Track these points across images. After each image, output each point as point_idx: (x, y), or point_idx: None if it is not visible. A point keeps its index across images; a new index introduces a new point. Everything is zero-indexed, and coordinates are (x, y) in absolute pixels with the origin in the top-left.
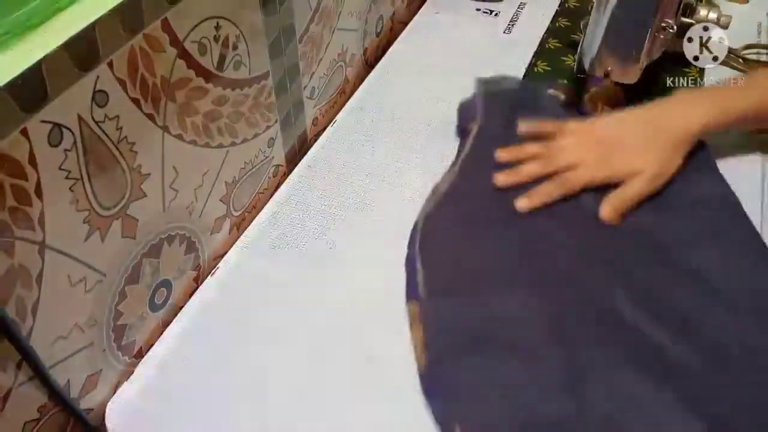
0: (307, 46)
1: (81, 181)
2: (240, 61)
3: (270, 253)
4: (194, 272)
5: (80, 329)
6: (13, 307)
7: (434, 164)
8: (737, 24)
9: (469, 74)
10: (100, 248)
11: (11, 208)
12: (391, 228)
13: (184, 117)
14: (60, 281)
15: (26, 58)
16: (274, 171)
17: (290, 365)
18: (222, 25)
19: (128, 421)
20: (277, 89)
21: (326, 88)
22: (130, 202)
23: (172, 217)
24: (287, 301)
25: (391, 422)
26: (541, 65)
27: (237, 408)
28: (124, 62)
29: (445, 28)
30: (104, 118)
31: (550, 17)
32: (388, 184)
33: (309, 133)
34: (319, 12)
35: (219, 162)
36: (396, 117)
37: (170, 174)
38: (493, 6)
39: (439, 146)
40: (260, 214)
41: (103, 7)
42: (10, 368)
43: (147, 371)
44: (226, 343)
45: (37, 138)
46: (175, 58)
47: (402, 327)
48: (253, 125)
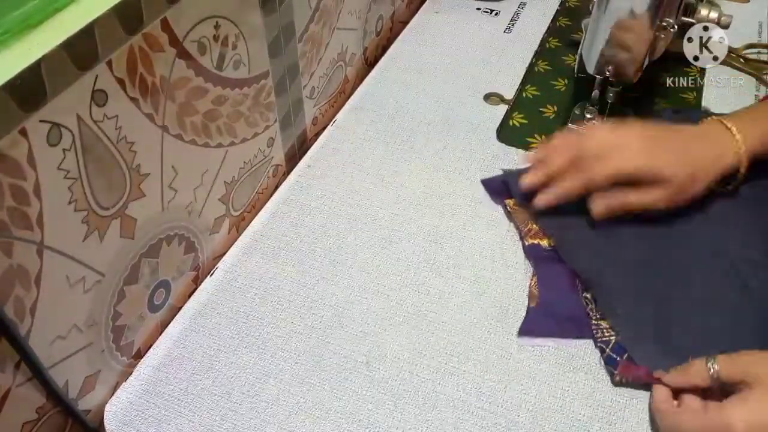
0: (306, 45)
1: (80, 180)
2: (239, 60)
3: (269, 253)
4: (193, 272)
5: (79, 330)
6: (11, 307)
7: (434, 164)
8: (738, 23)
9: (469, 74)
10: (99, 248)
11: (9, 207)
12: (390, 228)
13: (184, 117)
14: (58, 281)
15: (25, 57)
16: (273, 171)
17: (289, 366)
18: (221, 24)
19: (127, 422)
20: (277, 89)
21: (326, 88)
22: (128, 202)
23: (171, 217)
24: (286, 302)
25: (391, 424)
26: (542, 65)
27: (236, 409)
28: (123, 62)
29: (445, 27)
30: (103, 118)
31: (550, 17)
32: (388, 184)
33: (308, 132)
34: (319, 11)
35: (218, 162)
36: (396, 117)
37: (169, 174)
38: (494, 5)
39: (439, 146)
40: (259, 214)
41: (102, 7)
42: (8, 369)
43: (146, 372)
44: (225, 343)
45: (36, 137)
46: (175, 58)
47: (402, 329)
48: (253, 125)
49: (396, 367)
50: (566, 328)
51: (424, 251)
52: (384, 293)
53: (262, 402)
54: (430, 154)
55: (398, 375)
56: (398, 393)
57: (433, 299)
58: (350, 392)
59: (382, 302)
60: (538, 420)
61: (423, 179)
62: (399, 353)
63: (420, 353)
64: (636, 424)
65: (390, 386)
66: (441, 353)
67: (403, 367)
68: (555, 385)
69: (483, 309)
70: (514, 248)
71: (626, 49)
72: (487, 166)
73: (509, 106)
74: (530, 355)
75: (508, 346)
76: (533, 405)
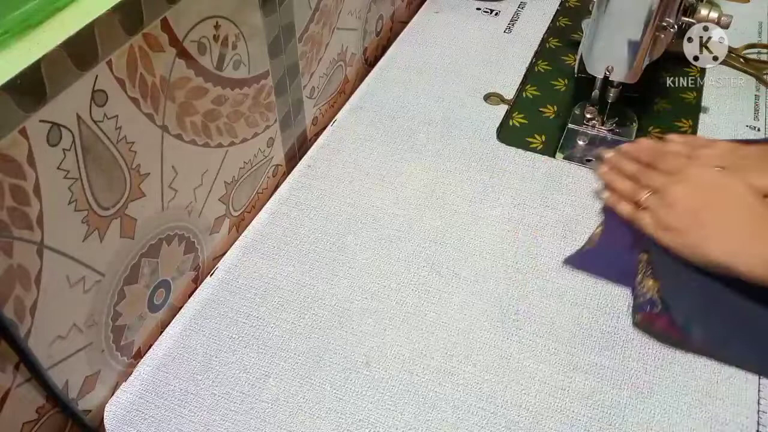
0: (306, 45)
1: (80, 180)
2: (239, 60)
3: (269, 253)
4: (193, 272)
5: (79, 329)
6: (11, 307)
7: (434, 164)
8: (738, 23)
9: (469, 74)
10: (99, 248)
11: (9, 207)
12: (391, 228)
13: (184, 116)
14: (58, 281)
15: (25, 57)
16: (273, 171)
17: (289, 367)
18: (221, 24)
19: (127, 421)
20: (277, 89)
21: (326, 88)
22: (128, 202)
23: (171, 217)
24: (286, 302)
25: (391, 424)
26: (542, 65)
27: (236, 409)
28: (123, 62)
29: (445, 27)
30: (103, 118)
31: (550, 16)
32: (388, 183)
33: (308, 132)
34: (319, 11)
35: (218, 162)
36: (396, 117)
37: (169, 174)
38: (494, 5)
39: (439, 146)
40: (259, 213)
41: (102, 7)
42: (8, 369)
43: (146, 372)
44: (225, 343)
45: (36, 137)
46: (175, 58)
47: (402, 329)
48: (253, 125)
49: (396, 367)
50: (610, 272)
51: (424, 251)
52: (384, 293)
53: (262, 402)
54: (430, 154)
55: (398, 375)
56: (398, 393)
57: (433, 299)
58: (350, 392)
59: (382, 302)
60: (538, 420)
61: (423, 179)
62: (399, 353)
63: (420, 353)
64: (636, 425)
65: (390, 386)
66: (441, 353)
67: (403, 367)
68: (555, 385)
69: (483, 309)
70: (515, 248)
71: (626, 49)
72: (487, 166)
73: (509, 106)
74: (530, 355)
75: (508, 347)
76: (533, 405)
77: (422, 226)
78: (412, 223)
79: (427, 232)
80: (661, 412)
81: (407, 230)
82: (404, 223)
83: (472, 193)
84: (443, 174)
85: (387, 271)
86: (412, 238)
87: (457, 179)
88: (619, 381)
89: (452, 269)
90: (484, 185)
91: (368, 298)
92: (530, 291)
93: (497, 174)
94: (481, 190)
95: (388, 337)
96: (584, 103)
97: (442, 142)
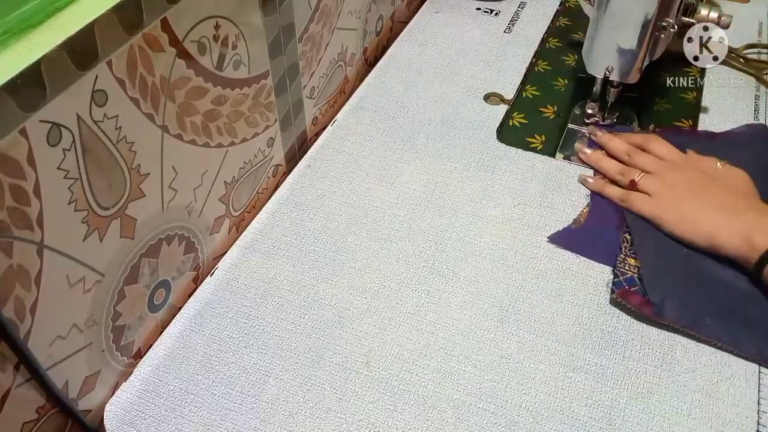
0: (306, 45)
1: (80, 180)
2: (239, 60)
3: (269, 254)
4: (193, 272)
5: (79, 330)
6: (11, 307)
7: (434, 164)
8: (738, 23)
9: (469, 74)
10: (99, 248)
11: (9, 207)
12: (391, 228)
13: (184, 117)
14: (58, 281)
15: (25, 57)
16: (273, 171)
17: (289, 367)
18: (221, 24)
19: (127, 421)
20: (277, 89)
21: (326, 88)
22: (128, 202)
23: (171, 217)
24: (286, 302)
25: (391, 424)
26: (542, 65)
27: (236, 409)
28: (123, 62)
29: (445, 27)
30: (103, 118)
31: (550, 17)
32: (388, 184)
33: (309, 132)
34: (319, 11)
35: (218, 162)
36: (396, 117)
37: (169, 174)
38: (494, 5)
39: (439, 146)
40: (259, 214)
41: (102, 7)
42: (8, 369)
43: (146, 372)
44: (225, 343)
45: (36, 137)
46: (175, 58)
47: (402, 329)
48: (253, 125)
49: (396, 367)
50: (593, 252)
51: (424, 251)
52: (384, 293)
53: (262, 402)
54: (430, 154)
55: (398, 375)
56: (398, 393)
57: (433, 299)
58: (350, 392)
59: (382, 302)
60: (538, 420)
61: (423, 179)
62: (399, 353)
63: (420, 353)
64: (636, 425)
65: (390, 386)
66: (441, 353)
67: (403, 367)
68: (555, 385)
69: (483, 309)
70: (514, 248)
71: (626, 49)
72: (487, 166)
73: (509, 106)
74: (530, 355)
75: (507, 347)
76: (533, 405)
77: (422, 226)
78: (412, 222)
79: (427, 232)
80: (661, 412)
81: (407, 230)
82: (404, 222)
83: (472, 193)
84: (443, 174)
85: (387, 271)
86: (412, 237)
87: (457, 179)
88: (619, 381)
89: (452, 269)
90: (484, 185)
91: (368, 298)
92: (530, 291)
93: (497, 174)
94: (481, 190)
95: (388, 337)
96: (584, 103)
97: (442, 142)
